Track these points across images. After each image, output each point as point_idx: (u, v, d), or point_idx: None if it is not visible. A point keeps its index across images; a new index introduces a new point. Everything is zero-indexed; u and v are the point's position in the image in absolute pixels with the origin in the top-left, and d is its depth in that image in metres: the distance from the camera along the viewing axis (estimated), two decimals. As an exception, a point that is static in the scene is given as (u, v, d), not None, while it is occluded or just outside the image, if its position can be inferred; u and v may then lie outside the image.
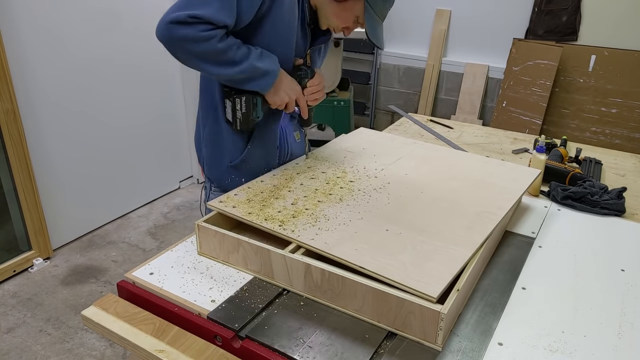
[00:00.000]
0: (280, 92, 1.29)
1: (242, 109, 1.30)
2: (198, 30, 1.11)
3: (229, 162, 1.41)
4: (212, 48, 1.14)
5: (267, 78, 1.25)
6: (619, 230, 1.34)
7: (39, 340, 2.17)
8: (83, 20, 2.64)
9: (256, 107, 1.31)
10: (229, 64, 1.18)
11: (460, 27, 3.58)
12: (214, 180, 1.46)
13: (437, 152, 1.56)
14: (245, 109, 1.30)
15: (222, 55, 1.17)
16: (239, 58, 1.19)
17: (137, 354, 0.93)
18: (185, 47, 1.14)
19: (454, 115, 3.68)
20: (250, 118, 1.32)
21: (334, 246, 1.01)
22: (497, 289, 1.06)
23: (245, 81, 1.24)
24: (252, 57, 1.21)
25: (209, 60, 1.17)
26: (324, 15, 1.33)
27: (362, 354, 0.87)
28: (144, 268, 1.10)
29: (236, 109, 1.30)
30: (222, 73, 1.20)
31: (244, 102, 1.30)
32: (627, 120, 3.07)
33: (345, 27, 1.35)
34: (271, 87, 1.27)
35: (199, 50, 1.14)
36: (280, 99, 1.30)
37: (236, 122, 1.32)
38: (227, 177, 1.42)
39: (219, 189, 1.46)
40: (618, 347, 0.91)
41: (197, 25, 1.11)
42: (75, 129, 2.74)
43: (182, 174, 3.62)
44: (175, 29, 1.11)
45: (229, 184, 1.41)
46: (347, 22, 1.32)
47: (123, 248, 2.87)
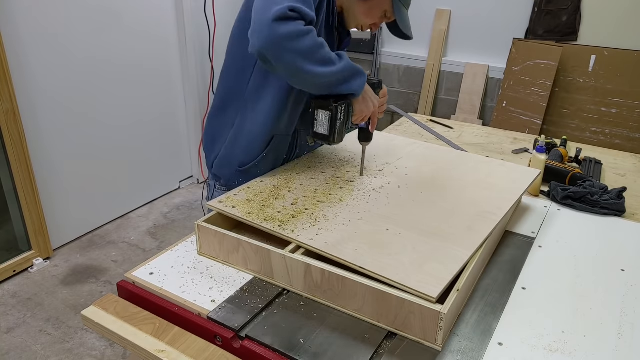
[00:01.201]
0: (367, 100, 1.25)
1: (341, 119, 1.21)
2: (300, 25, 1.07)
3: (238, 166, 1.39)
4: (314, 42, 1.09)
5: (362, 78, 1.20)
6: (619, 230, 1.34)
7: (39, 340, 2.17)
8: (83, 20, 2.64)
9: (349, 116, 1.24)
10: (328, 63, 1.13)
11: (460, 27, 3.57)
12: (223, 178, 1.44)
13: (437, 152, 1.56)
14: (344, 118, 1.22)
15: (322, 52, 1.12)
16: (334, 57, 1.15)
17: (137, 354, 0.93)
18: (292, 45, 1.07)
19: (454, 115, 3.68)
20: (344, 129, 1.24)
21: (333, 246, 1.01)
22: (497, 289, 1.06)
23: (343, 82, 1.18)
24: (343, 56, 1.18)
25: (312, 58, 1.10)
26: (352, 16, 1.33)
27: (362, 354, 0.87)
28: (144, 268, 1.10)
29: (336, 119, 1.20)
30: (325, 72, 1.13)
31: (344, 111, 1.21)
32: (627, 120, 3.07)
33: (373, 24, 1.35)
34: (363, 90, 1.21)
35: (304, 46, 1.08)
36: (367, 107, 1.25)
37: (334, 134, 1.22)
38: (235, 180, 1.41)
39: (224, 187, 1.44)
40: (618, 347, 0.91)
41: (298, 20, 1.07)
42: (75, 129, 2.75)
43: (182, 174, 3.62)
44: (279, 27, 1.05)
45: (236, 185, 1.38)
46: (376, 18, 1.33)
47: (123, 248, 2.87)
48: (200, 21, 3.28)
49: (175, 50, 3.27)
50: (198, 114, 3.49)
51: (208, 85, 3.47)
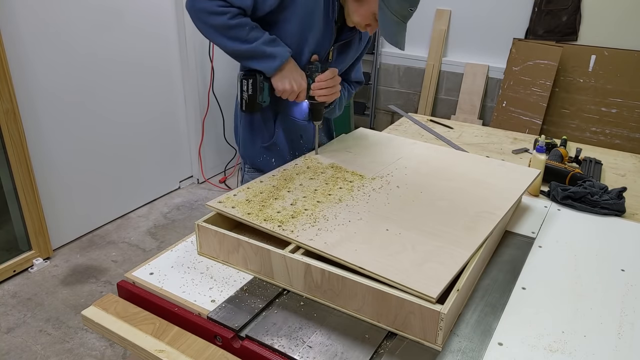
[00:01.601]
0: (285, 79, 1.38)
1: (248, 91, 1.40)
2: (215, 5, 1.29)
3: (262, 143, 1.57)
4: (223, 22, 1.31)
5: (272, 61, 1.36)
6: (619, 230, 1.34)
7: (39, 340, 2.17)
8: (83, 19, 2.64)
9: (263, 91, 1.41)
10: (239, 41, 1.33)
11: (460, 27, 3.58)
12: (248, 159, 1.62)
13: (436, 152, 1.56)
14: (251, 91, 1.40)
15: (233, 31, 1.32)
16: (251, 38, 1.34)
17: (137, 354, 0.93)
18: (203, 18, 1.32)
19: (454, 115, 3.68)
20: (256, 101, 1.41)
21: (333, 247, 1.01)
22: (497, 289, 1.06)
23: (251, 60, 1.37)
24: (262, 40, 1.35)
25: (221, 33, 1.33)
26: (347, 13, 1.41)
27: (362, 354, 0.87)
28: (144, 268, 1.10)
29: (243, 90, 1.40)
30: (231, 47, 1.35)
31: (251, 85, 1.40)
32: (627, 120, 3.07)
33: (367, 25, 1.40)
34: (275, 71, 1.37)
35: (213, 22, 1.32)
36: (283, 85, 1.39)
37: (242, 103, 1.42)
38: (259, 156, 1.59)
39: (252, 168, 1.63)
40: (618, 347, 0.91)
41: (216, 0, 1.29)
42: (75, 129, 2.74)
43: (182, 174, 3.62)
44: (195, 2, 1.31)
45: (261, 162, 1.59)
46: (367, 19, 1.38)
47: (123, 248, 2.87)
48: (200, 21, 3.27)
49: (175, 50, 3.27)
50: (198, 114, 3.49)
51: (208, 85, 3.47)
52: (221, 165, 3.83)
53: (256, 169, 1.61)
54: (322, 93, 1.43)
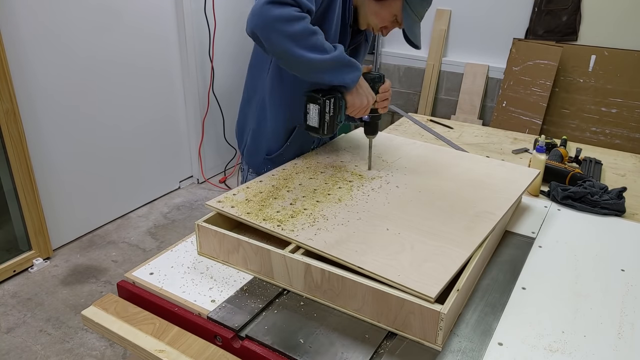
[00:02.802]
0: (361, 94, 1.28)
1: (330, 112, 1.27)
2: (292, 10, 1.14)
3: (266, 155, 1.51)
4: (305, 28, 1.15)
5: (356, 71, 1.25)
6: (619, 230, 1.34)
7: (39, 340, 2.17)
8: (83, 20, 2.64)
9: (341, 110, 1.29)
10: (319, 50, 1.18)
11: (460, 27, 3.57)
12: (251, 166, 1.57)
13: (435, 152, 1.56)
14: (333, 111, 1.27)
15: (313, 38, 1.17)
16: (327, 47, 1.20)
17: (137, 354, 0.93)
18: (281, 27, 1.14)
19: (454, 115, 3.68)
20: (335, 122, 1.29)
21: (332, 246, 1.01)
22: (497, 289, 1.06)
23: (333, 71, 1.22)
24: (339, 48, 1.22)
25: (301, 43, 1.16)
26: (363, 15, 1.36)
27: (362, 354, 0.87)
28: (144, 268, 1.10)
29: (325, 112, 1.26)
30: (314, 58, 1.18)
31: (333, 105, 1.26)
32: (627, 120, 3.07)
33: (384, 27, 1.37)
34: (356, 84, 1.26)
35: (293, 30, 1.14)
36: (360, 101, 1.29)
37: (324, 126, 1.28)
38: (263, 167, 1.52)
39: (255, 173, 1.55)
40: (618, 347, 0.91)
41: (291, 6, 1.14)
42: (75, 129, 2.74)
43: (182, 174, 3.61)
44: (271, 9, 1.13)
45: (264, 172, 1.44)
46: (386, 21, 1.34)
47: (123, 248, 2.87)
48: (200, 21, 3.28)
49: (175, 50, 3.27)
50: (198, 114, 3.49)
51: (208, 85, 3.47)
52: (221, 165, 3.83)
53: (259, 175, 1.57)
54: (384, 104, 1.37)
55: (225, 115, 3.65)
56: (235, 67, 3.64)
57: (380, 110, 1.37)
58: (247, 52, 4.03)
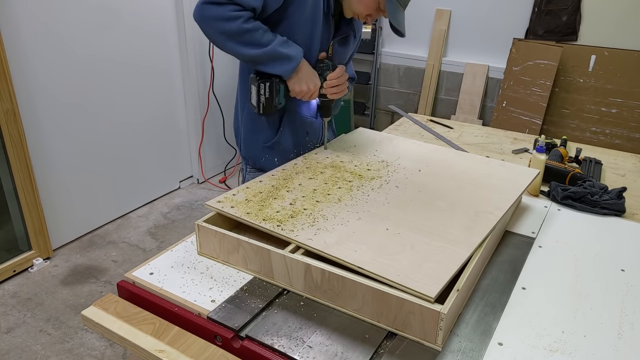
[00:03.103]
0: (301, 80, 1.39)
1: (265, 94, 1.40)
2: (227, 10, 1.25)
3: (264, 143, 1.55)
4: (238, 27, 1.27)
5: (289, 63, 1.35)
6: (619, 230, 1.34)
7: (39, 340, 2.17)
8: (83, 19, 2.64)
9: (279, 93, 1.41)
10: (254, 45, 1.30)
11: (460, 27, 3.57)
12: (250, 159, 1.61)
13: (435, 152, 1.56)
14: (268, 94, 1.40)
15: (247, 36, 1.28)
16: (265, 41, 1.31)
17: (137, 354, 0.93)
18: (215, 25, 1.27)
19: (454, 115, 3.68)
20: (272, 104, 1.41)
21: (332, 246, 1.01)
22: (497, 289, 1.06)
23: (268, 63, 1.34)
24: (276, 42, 1.33)
25: (235, 40, 1.29)
26: (348, 3, 1.41)
27: (362, 354, 0.87)
28: (144, 268, 1.10)
29: (260, 94, 1.40)
30: (247, 53, 1.31)
31: (268, 88, 1.39)
32: (627, 120, 3.07)
33: (368, 14, 1.41)
34: (292, 73, 1.37)
35: (226, 29, 1.27)
36: (300, 87, 1.39)
37: (259, 106, 1.42)
38: (261, 157, 1.57)
39: (254, 169, 1.61)
40: (618, 347, 0.91)
41: (227, 5, 1.25)
42: (75, 129, 2.75)
43: (182, 174, 3.62)
44: (208, 8, 1.26)
45: (263, 162, 1.57)
46: (370, 8, 1.39)
47: (123, 248, 2.87)
48: (200, 21, 3.27)
49: (175, 50, 3.27)
50: (198, 114, 3.49)
51: (208, 85, 3.47)
52: (221, 165, 3.83)
53: (258, 169, 1.60)
54: (334, 91, 1.45)
55: (225, 115, 3.65)
56: (235, 67, 3.62)
57: (330, 95, 1.46)
58: (247, 52, 3.95)
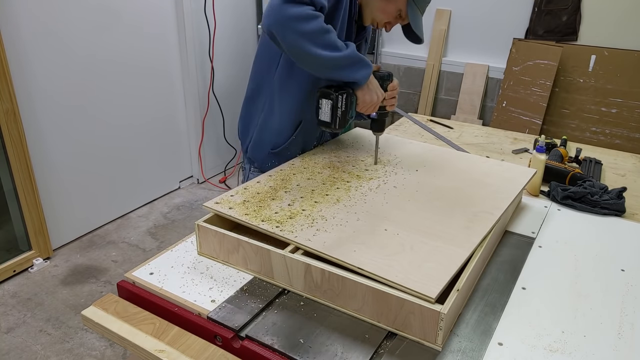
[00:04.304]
0: (371, 91, 1.32)
1: (342, 107, 1.31)
2: (307, 9, 1.18)
3: (271, 149, 1.52)
4: (320, 26, 1.19)
5: (367, 68, 1.28)
6: (619, 230, 1.34)
7: (39, 340, 2.17)
8: (83, 19, 2.64)
9: (352, 105, 1.33)
10: (333, 48, 1.22)
11: (460, 27, 3.57)
12: (256, 161, 1.57)
13: (433, 152, 1.56)
14: (345, 107, 1.31)
15: (327, 36, 1.21)
16: (341, 45, 1.24)
17: (137, 354, 0.93)
18: (297, 26, 1.17)
19: (454, 115, 3.68)
20: (347, 117, 1.33)
21: (331, 247, 1.01)
22: (497, 289, 1.06)
23: (345, 68, 1.25)
24: (351, 45, 1.26)
25: (316, 41, 1.20)
26: (369, 11, 1.41)
27: (362, 354, 0.87)
28: (144, 268, 1.10)
29: (337, 107, 1.31)
30: (328, 56, 1.21)
31: (345, 100, 1.30)
32: (627, 120, 3.06)
33: (388, 22, 1.42)
34: (368, 80, 1.29)
35: (309, 29, 1.18)
36: (371, 98, 1.32)
37: (336, 121, 1.33)
38: (267, 162, 1.53)
39: (258, 170, 1.57)
40: (618, 347, 0.91)
41: (305, 5, 1.18)
42: (75, 129, 2.74)
43: (182, 174, 3.61)
44: (287, 8, 1.16)
45: (269, 167, 1.48)
46: (391, 16, 1.39)
47: (123, 248, 2.87)
48: (200, 21, 3.28)
49: (175, 50, 3.27)
50: (198, 114, 3.49)
51: (208, 85, 3.47)
52: (221, 165, 3.83)
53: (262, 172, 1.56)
54: (392, 102, 1.41)
55: (225, 115, 3.65)
56: (235, 67, 3.64)
57: (388, 107, 1.41)
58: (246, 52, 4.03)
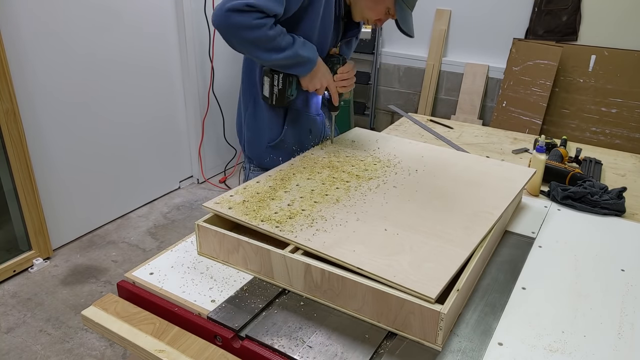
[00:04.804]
0: (315, 78, 1.42)
1: (278, 85, 1.42)
2: (252, 18, 1.23)
3: (268, 143, 1.55)
4: (263, 35, 1.26)
5: (307, 65, 1.38)
6: (619, 230, 1.34)
7: (39, 340, 2.17)
8: (83, 19, 2.64)
9: (291, 85, 1.44)
10: (276, 51, 1.31)
11: (460, 27, 3.57)
12: (254, 159, 1.61)
13: (432, 152, 1.56)
14: (281, 85, 1.42)
15: (271, 42, 1.29)
16: (285, 45, 1.32)
17: (137, 354, 0.93)
18: (240, 33, 1.26)
19: (454, 115, 3.68)
20: (285, 95, 1.44)
21: (331, 247, 1.01)
22: (497, 289, 1.06)
23: (288, 67, 1.37)
24: (296, 45, 1.34)
25: (259, 47, 1.29)
26: (358, 9, 1.45)
27: (362, 354, 0.87)
28: (144, 268, 1.10)
29: (273, 85, 1.42)
30: (270, 58, 1.32)
31: (281, 79, 1.42)
32: (627, 120, 3.07)
33: (378, 19, 1.45)
34: (308, 73, 1.40)
35: (252, 37, 1.26)
36: (313, 85, 1.43)
37: (272, 97, 1.44)
38: (266, 156, 1.57)
39: (258, 168, 1.60)
40: (618, 347, 0.91)
41: (252, 13, 1.23)
42: (75, 129, 2.75)
43: (182, 174, 3.62)
44: (232, 16, 1.23)
45: (267, 162, 1.56)
46: (380, 14, 1.43)
47: (123, 248, 2.87)
48: (200, 21, 3.28)
49: (175, 50, 3.27)
50: (198, 114, 3.49)
51: (208, 85, 3.47)
52: (221, 165, 3.83)
53: (262, 169, 1.59)
54: (343, 84, 1.48)
55: (225, 115, 3.65)
56: (235, 67, 3.64)
57: (340, 89, 1.49)
58: (247, 52, 3.94)
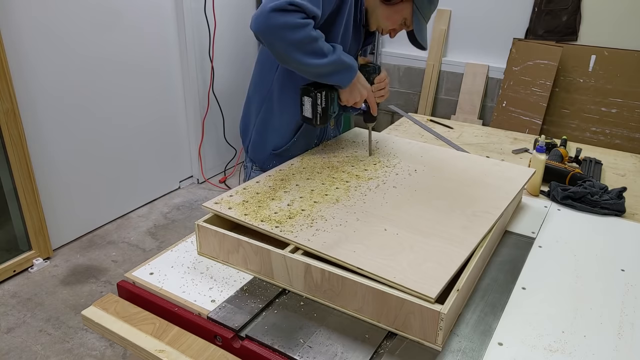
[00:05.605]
0: (355, 90, 1.36)
1: (322, 104, 1.36)
2: (295, 18, 1.18)
3: (272, 150, 1.53)
4: (307, 35, 1.20)
5: (351, 72, 1.31)
6: (619, 230, 1.34)
7: (39, 340, 2.17)
8: (83, 19, 2.64)
9: (333, 101, 1.38)
10: (319, 55, 1.24)
11: (460, 27, 3.57)
12: (257, 161, 1.58)
13: (432, 152, 1.56)
14: (324, 103, 1.36)
15: (314, 44, 1.22)
16: (327, 50, 1.25)
17: (137, 354, 0.93)
18: (284, 34, 1.19)
19: (454, 115, 3.68)
20: (328, 113, 1.37)
21: (331, 247, 1.01)
22: (497, 289, 1.06)
23: (330, 74, 1.29)
24: (337, 51, 1.28)
25: (302, 49, 1.22)
26: (374, 17, 1.42)
27: (362, 354, 0.87)
28: (144, 268, 1.10)
29: (317, 104, 1.35)
30: (312, 64, 1.24)
31: (324, 97, 1.35)
32: (627, 120, 3.06)
33: (392, 29, 1.43)
34: (350, 83, 1.33)
35: (296, 38, 1.19)
36: (354, 97, 1.37)
37: (316, 117, 1.37)
38: (269, 162, 1.54)
39: (259, 169, 1.58)
40: (618, 347, 0.91)
41: (295, 12, 1.18)
42: (75, 129, 2.75)
43: (182, 174, 3.61)
44: (276, 16, 1.17)
45: (269, 167, 1.48)
46: (396, 24, 1.41)
47: (123, 248, 2.87)
48: (200, 21, 3.28)
49: (175, 50, 3.27)
50: (198, 114, 3.49)
51: (208, 85, 3.47)
52: (221, 165, 3.83)
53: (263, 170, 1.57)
54: (381, 94, 1.45)
55: (225, 115, 3.65)
56: (235, 67, 3.64)
57: (377, 99, 1.45)
58: (247, 52, 4.03)
